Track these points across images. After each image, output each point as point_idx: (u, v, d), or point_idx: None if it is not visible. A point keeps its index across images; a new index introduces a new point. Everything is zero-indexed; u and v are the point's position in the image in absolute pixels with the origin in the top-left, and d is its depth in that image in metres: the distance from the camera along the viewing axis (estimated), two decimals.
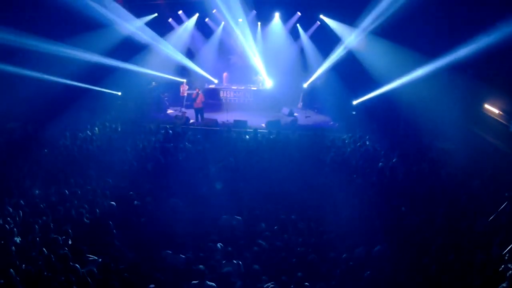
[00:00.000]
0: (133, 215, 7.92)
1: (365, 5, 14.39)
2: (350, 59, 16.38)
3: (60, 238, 6.75)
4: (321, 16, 17.62)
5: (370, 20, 14.63)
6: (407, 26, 13.34)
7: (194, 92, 16.21)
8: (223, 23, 18.90)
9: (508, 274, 5.57)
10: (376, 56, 14.96)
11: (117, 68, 16.53)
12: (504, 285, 5.53)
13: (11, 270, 5.77)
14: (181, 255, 6.57)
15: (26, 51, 13.53)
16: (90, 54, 15.07)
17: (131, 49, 16.90)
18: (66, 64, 14.43)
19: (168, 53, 18.11)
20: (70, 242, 6.81)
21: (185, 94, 18.04)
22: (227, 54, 19.96)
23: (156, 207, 8.22)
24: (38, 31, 13.37)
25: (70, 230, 7.06)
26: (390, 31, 13.96)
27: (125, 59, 16.58)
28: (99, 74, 16.04)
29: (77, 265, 5.96)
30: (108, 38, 15.81)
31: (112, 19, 15.56)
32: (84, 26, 14.77)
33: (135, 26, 16.84)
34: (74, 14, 13.68)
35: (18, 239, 6.73)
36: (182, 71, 19.10)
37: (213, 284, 5.78)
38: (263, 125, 15.30)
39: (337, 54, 16.89)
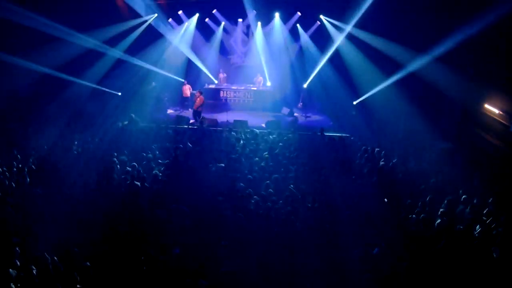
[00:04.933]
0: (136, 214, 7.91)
1: (363, 4, 14.42)
2: (350, 58, 16.39)
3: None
4: (321, 16, 17.65)
5: (368, 18, 14.65)
6: (405, 24, 13.38)
7: (196, 94, 16.22)
8: (223, 23, 18.93)
9: None
10: (375, 55, 14.97)
11: (118, 66, 16.58)
12: None
13: (10, 270, 5.79)
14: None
15: (27, 47, 13.54)
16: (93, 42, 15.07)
17: (133, 46, 16.95)
18: (67, 62, 14.44)
19: (168, 53, 18.12)
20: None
21: (188, 95, 18.06)
22: (227, 54, 19.98)
23: (157, 207, 8.22)
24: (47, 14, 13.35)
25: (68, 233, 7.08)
26: (387, 29, 13.99)
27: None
28: (100, 73, 16.07)
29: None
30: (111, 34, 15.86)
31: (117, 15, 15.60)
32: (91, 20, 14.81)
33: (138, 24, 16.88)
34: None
35: (15, 239, 6.74)
36: (182, 71, 19.12)
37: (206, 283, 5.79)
38: (263, 125, 15.32)
39: (336, 53, 16.92)
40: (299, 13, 18.22)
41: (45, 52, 13.79)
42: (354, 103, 16.37)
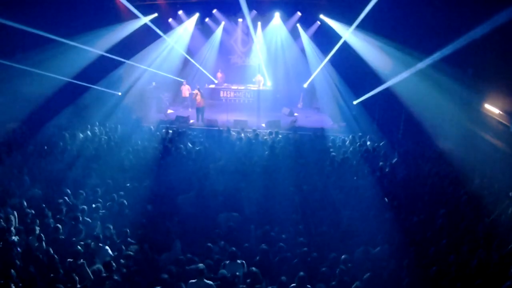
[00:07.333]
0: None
1: (362, 4, 14.39)
2: (349, 58, 16.38)
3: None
4: (321, 16, 17.64)
5: (367, 18, 14.62)
6: (404, 23, 13.36)
7: (195, 92, 16.24)
8: (223, 23, 18.92)
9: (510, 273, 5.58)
10: (375, 55, 14.95)
11: (118, 67, 16.57)
12: (508, 283, 5.52)
13: (12, 270, 5.78)
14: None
15: (27, 49, 13.51)
16: (92, 50, 15.02)
17: (132, 47, 16.91)
18: (66, 63, 14.41)
19: (169, 53, 18.11)
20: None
21: (187, 95, 18.06)
22: (227, 54, 19.98)
23: (157, 206, 8.22)
24: (41, 26, 13.28)
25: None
26: (387, 29, 13.96)
27: (127, 57, 16.60)
28: (99, 73, 16.04)
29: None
30: (111, 36, 15.81)
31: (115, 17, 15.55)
32: (87, 23, 14.75)
33: (137, 25, 16.84)
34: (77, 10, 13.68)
35: (16, 238, 6.75)
36: (183, 71, 19.12)
37: (211, 282, 5.77)
38: (263, 125, 15.32)
39: (336, 53, 16.89)
40: (299, 13, 18.22)
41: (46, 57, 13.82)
42: (354, 103, 16.36)
